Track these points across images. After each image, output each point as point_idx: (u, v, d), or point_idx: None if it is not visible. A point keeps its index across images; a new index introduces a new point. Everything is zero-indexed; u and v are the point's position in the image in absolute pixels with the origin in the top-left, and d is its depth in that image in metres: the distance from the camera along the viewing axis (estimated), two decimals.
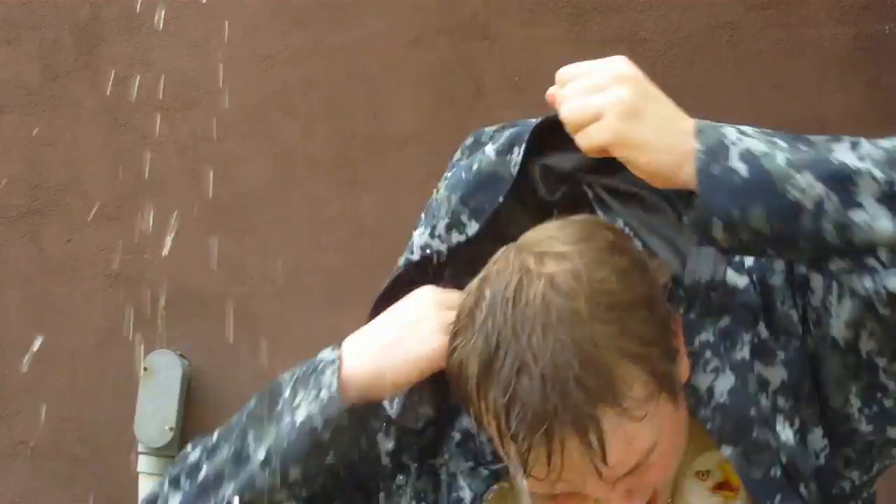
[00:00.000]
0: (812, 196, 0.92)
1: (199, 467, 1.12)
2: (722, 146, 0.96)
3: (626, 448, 0.95)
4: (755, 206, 0.93)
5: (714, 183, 0.94)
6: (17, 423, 2.95)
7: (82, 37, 2.96)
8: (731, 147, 0.95)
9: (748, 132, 0.97)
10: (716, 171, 0.94)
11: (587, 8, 2.75)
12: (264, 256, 2.86)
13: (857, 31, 2.66)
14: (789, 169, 0.93)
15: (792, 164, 0.94)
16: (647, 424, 0.95)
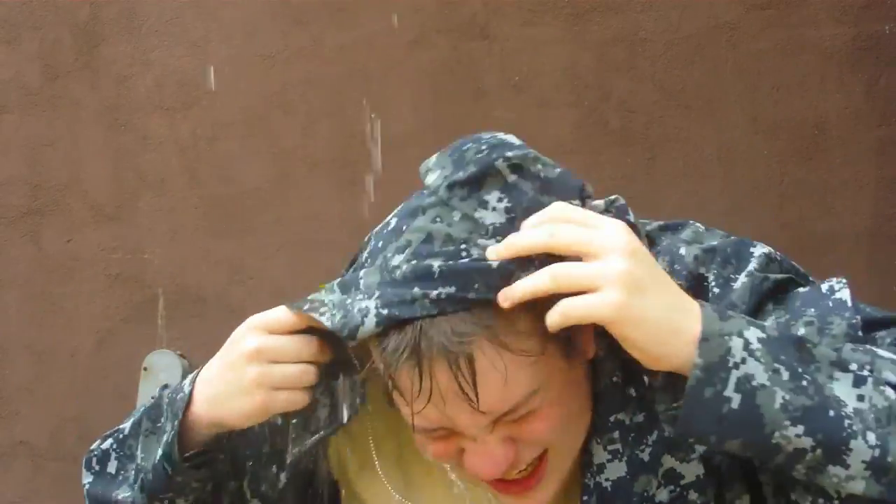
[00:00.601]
0: (796, 445, 0.88)
1: (109, 457, 1.16)
2: (723, 367, 0.88)
3: (501, 385, 0.93)
4: (735, 438, 0.89)
5: (701, 406, 0.89)
6: (17, 423, 2.96)
7: (82, 37, 2.97)
8: (732, 372, 0.88)
9: (754, 347, 0.89)
10: (707, 395, 0.88)
11: (587, 8, 2.76)
12: (264, 256, 2.86)
13: (857, 31, 2.66)
14: (782, 416, 0.88)
15: (787, 409, 0.88)
16: (527, 367, 0.94)
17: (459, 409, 0.94)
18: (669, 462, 1.05)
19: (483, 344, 0.92)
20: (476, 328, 0.91)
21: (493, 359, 0.92)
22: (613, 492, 1.04)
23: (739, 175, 2.69)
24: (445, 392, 0.93)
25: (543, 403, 0.97)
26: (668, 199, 2.71)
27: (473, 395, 0.92)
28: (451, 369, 0.91)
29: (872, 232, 2.64)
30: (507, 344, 0.92)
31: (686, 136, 2.71)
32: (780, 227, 2.67)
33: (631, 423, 1.05)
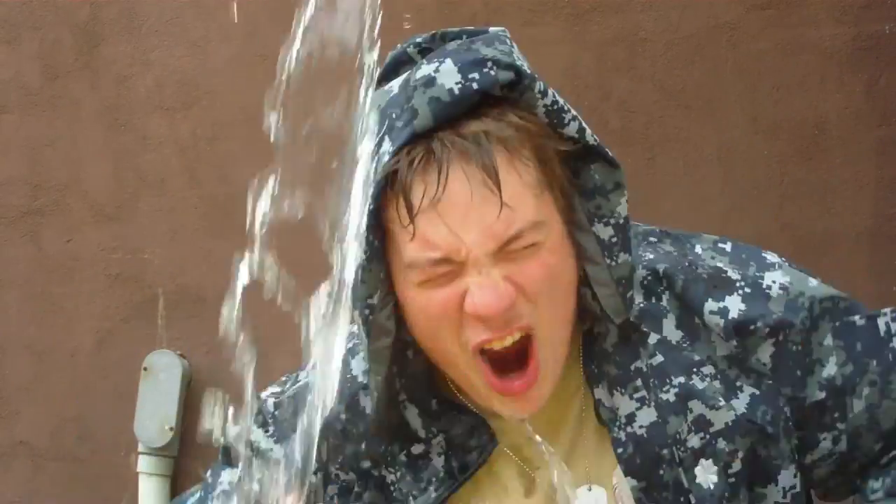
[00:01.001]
0: None
1: None
2: None
3: (514, 193, 0.97)
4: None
5: None
6: (17, 423, 2.96)
7: (82, 37, 2.96)
8: None
9: None
10: None
11: (587, 8, 2.75)
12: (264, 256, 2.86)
13: (857, 30, 2.65)
14: None
15: None
16: (532, 196, 0.98)
17: (474, 217, 0.96)
18: (698, 408, 1.07)
19: (500, 150, 0.96)
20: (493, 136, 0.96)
21: (508, 168, 0.96)
22: (649, 438, 1.07)
23: (739, 175, 2.69)
24: (470, 191, 0.95)
25: (544, 244, 1.00)
26: (669, 199, 2.71)
27: (495, 187, 0.94)
28: (473, 164, 0.95)
29: (873, 232, 2.64)
30: (519, 160, 0.97)
31: (686, 136, 2.71)
32: (781, 228, 2.67)
33: (648, 369, 1.08)
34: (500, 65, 1.00)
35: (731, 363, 1.09)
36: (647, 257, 1.13)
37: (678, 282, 1.11)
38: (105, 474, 2.91)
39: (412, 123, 0.96)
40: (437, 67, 0.98)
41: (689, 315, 1.10)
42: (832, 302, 1.11)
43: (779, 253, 1.18)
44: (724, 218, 2.68)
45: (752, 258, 1.13)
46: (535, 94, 1.01)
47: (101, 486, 2.91)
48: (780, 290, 1.10)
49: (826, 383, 1.09)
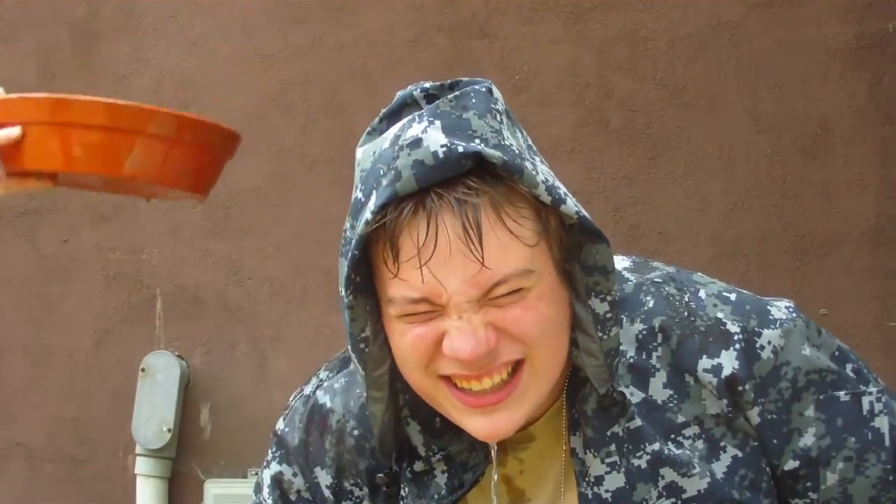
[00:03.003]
0: None
1: None
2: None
3: (500, 246, 0.97)
4: None
5: None
6: (14, 425, 2.95)
7: (80, 35, 2.95)
8: None
9: None
10: None
11: (588, 6, 2.74)
12: (263, 256, 2.85)
13: (860, 29, 2.64)
14: None
15: None
16: (523, 247, 0.98)
17: (456, 268, 0.97)
18: (670, 475, 1.08)
19: (486, 206, 0.96)
20: (482, 190, 0.96)
21: (494, 222, 0.97)
22: (614, 502, 1.08)
23: (741, 174, 2.68)
24: (449, 244, 0.96)
25: (531, 290, 1.00)
26: (670, 199, 2.69)
27: (477, 244, 0.96)
28: (457, 216, 0.96)
29: (875, 231, 2.63)
30: (509, 214, 0.97)
31: (688, 135, 2.70)
32: (783, 227, 2.66)
33: (624, 434, 1.09)
34: (487, 143, 0.98)
35: (718, 421, 1.09)
36: (646, 306, 1.12)
37: (674, 337, 1.10)
38: (102, 476, 2.90)
39: (394, 185, 0.96)
40: (426, 129, 0.97)
41: (680, 373, 1.10)
42: (819, 375, 1.11)
43: (790, 298, 1.18)
44: (726, 217, 2.67)
45: (756, 311, 1.13)
46: (530, 173, 0.98)
47: (99, 488, 2.90)
48: (770, 354, 1.09)
49: (801, 453, 1.10)
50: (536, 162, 1.02)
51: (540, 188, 0.97)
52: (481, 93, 1.01)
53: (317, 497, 1.20)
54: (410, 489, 1.15)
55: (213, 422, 2.85)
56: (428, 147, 0.96)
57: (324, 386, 1.22)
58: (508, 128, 1.01)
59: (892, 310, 2.62)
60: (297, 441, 1.20)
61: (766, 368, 1.09)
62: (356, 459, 1.17)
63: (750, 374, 1.08)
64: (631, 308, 1.12)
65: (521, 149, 1.01)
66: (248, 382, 2.84)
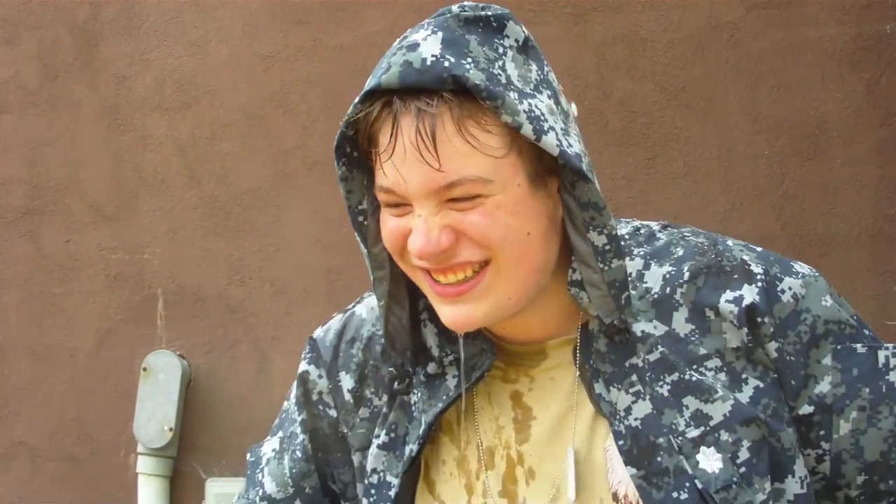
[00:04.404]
0: None
1: None
2: None
3: (453, 156, 1.03)
4: None
5: None
6: (16, 424, 2.95)
7: (81, 36, 2.96)
8: None
9: None
10: None
11: (587, 7, 2.75)
12: (264, 256, 2.86)
13: (858, 30, 2.65)
14: None
15: None
16: (484, 157, 1.03)
17: (413, 166, 1.04)
18: (694, 403, 1.11)
19: (445, 117, 1.02)
20: (443, 105, 1.02)
21: (451, 133, 1.02)
22: (644, 428, 1.11)
23: (740, 175, 2.69)
24: (408, 145, 1.03)
25: (491, 198, 1.05)
26: (669, 199, 2.70)
27: (430, 151, 1.02)
28: (413, 123, 1.02)
29: (873, 232, 2.64)
30: (469, 129, 1.02)
31: (687, 135, 2.71)
32: (781, 227, 2.67)
33: (645, 364, 1.13)
34: (477, 65, 1.04)
35: (738, 355, 1.12)
36: (676, 254, 1.17)
37: (700, 276, 1.14)
38: (104, 475, 2.91)
39: (380, 77, 1.03)
40: (427, 36, 1.04)
41: (702, 308, 1.13)
42: (838, 326, 1.14)
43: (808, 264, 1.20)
44: (725, 217, 2.68)
45: (779, 261, 1.16)
46: (512, 101, 1.03)
47: (101, 487, 2.91)
48: (790, 298, 1.13)
49: (817, 399, 1.12)
50: (537, 96, 1.06)
51: (521, 116, 1.03)
52: (492, 26, 1.07)
53: (337, 400, 1.27)
54: (422, 393, 1.20)
55: (215, 421, 2.86)
56: (421, 52, 1.03)
57: (364, 301, 1.32)
58: (514, 59, 1.07)
59: (889, 309, 2.63)
60: (328, 345, 1.29)
61: (785, 311, 1.12)
62: (381, 366, 1.24)
63: (770, 311, 1.11)
64: (661, 256, 1.17)
65: (518, 80, 1.06)
66: (248, 382, 2.85)
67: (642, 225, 1.24)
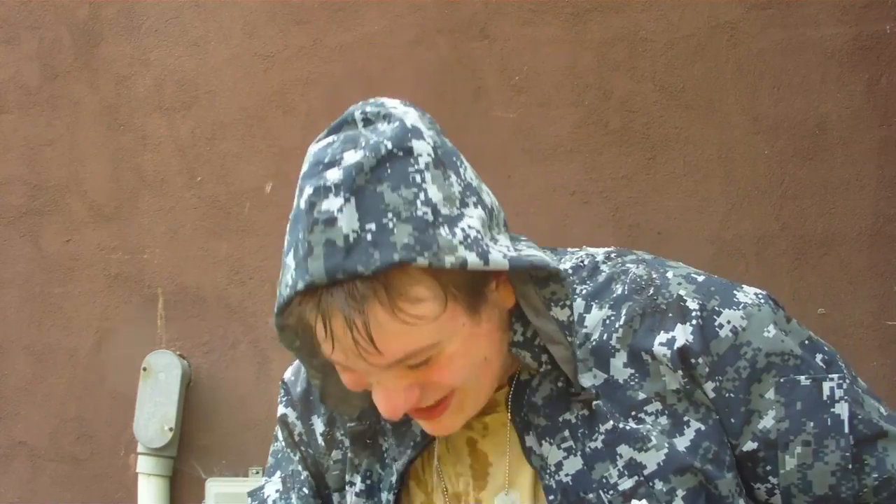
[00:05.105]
0: None
1: None
2: None
3: (395, 342, 1.00)
4: None
5: None
6: (16, 424, 2.95)
7: (81, 36, 2.96)
8: None
9: None
10: None
11: (587, 7, 2.75)
12: (264, 256, 2.86)
13: (858, 30, 2.65)
14: None
15: None
16: (424, 325, 1.00)
17: (357, 359, 1.01)
18: (628, 452, 1.10)
19: (375, 308, 0.98)
20: (370, 294, 0.98)
21: (385, 321, 0.98)
22: (575, 484, 1.10)
23: (740, 175, 2.69)
24: (345, 345, 1.00)
25: (445, 354, 1.03)
26: (669, 199, 2.70)
27: (369, 348, 0.99)
28: (346, 326, 0.98)
29: (873, 232, 2.64)
30: (402, 308, 0.98)
31: (686, 135, 2.71)
32: (781, 227, 2.67)
33: (577, 420, 1.11)
34: (399, 217, 0.98)
35: (679, 397, 1.10)
36: (615, 293, 1.14)
37: (635, 318, 1.12)
38: (104, 475, 2.91)
39: (306, 273, 0.99)
40: (341, 206, 0.98)
41: (638, 352, 1.11)
42: (781, 357, 1.11)
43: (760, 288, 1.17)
44: (725, 218, 2.68)
45: (720, 292, 1.13)
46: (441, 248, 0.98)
47: (101, 487, 2.91)
48: (729, 333, 1.10)
49: (760, 434, 1.10)
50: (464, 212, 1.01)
51: (460, 251, 0.98)
52: (399, 157, 1.01)
53: (312, 442, 1.27)
54: (392, 440, 1.20)
55: (215, 421, 2.86)
56: (341, 228, 0.97)
57: None
58: (434, 179, 1.01)
59: (889, 309, 2.63)
60: (298, 390, 1.30)
61: (723, 346, 1.09)
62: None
63: (705, 350, 1.09)
64: (601, 296, 1.14)
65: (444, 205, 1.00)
66: (248, 382, 2.85)
67: (587, 255, 1.19)
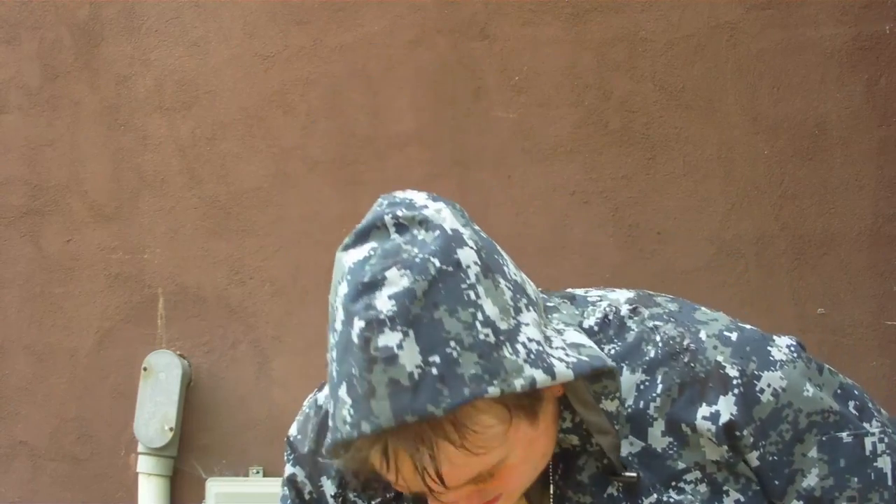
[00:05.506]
0: None
1: None
2: None
3: (462, 471, 0.98)
4: None
5: None
6: (17, 424, 2.96)
7: (82, 36, 2.97)
8: None
9: None
10: None
11: (587, 8, 2.76)
12: (264, 256, 2.86)
13: (857, 30, 2.66)
14: None
15: None
16: (491, 452, 0.98)
17: (421, 488, 0.99)
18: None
19: (446, 447, 0.96)
20: (440, 434, 0.95)
21: (454, 456, 0.96)
22: None
23: (739, 175, 2.69)
24: (411, 482, 0.98)
25: (508, 465, 1.01)
26: (669, 199, 2.71)
27: (438, 485, 0.97)
28: (415, 468, 0.96)
29: (873, 232, 2.64)
30: (471, 441, 0.96)
31: (686, 135, 2.71)
32: (781, 227, 2.67)
33: (620, 494, 1.10)
34: (462, 345, 0.94)
35: (720, 467, 1.10)
36: (647, 356, 1.12)
37: (674, 387, 1.10)
38: (105, 474, 2.91)
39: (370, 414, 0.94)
40: (400, 341, 0.94)
41: (677, 423, 1.10)
42: (821, 416, 1.11)
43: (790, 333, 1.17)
44: (724, 218, 2.69)
45: (756, 352, 1.11)
46: (511, 358, 0.96)
47: (101, 487, 2.91)
48: (770, 397, 1.09)
49: (805, 493, 1.10)
50: (520, 321, 0.99)
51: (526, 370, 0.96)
52: (449, 273, 0.96)
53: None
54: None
55: (215, 421, 2.86)
56: (403, 365, 0.93)
57: None
58: (486, 292, 0.97)
59: (889, 309, 2.63)
60: (306, 450, 1.22)
61: (766, 411, 1.09)
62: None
63: (749, 419, 1.08)
64: (632, 358, 1.11)
65: (500, 318, 0.97)
66: (249, 381, 2.85)
67: (610, 307, 1.15)
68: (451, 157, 2.78)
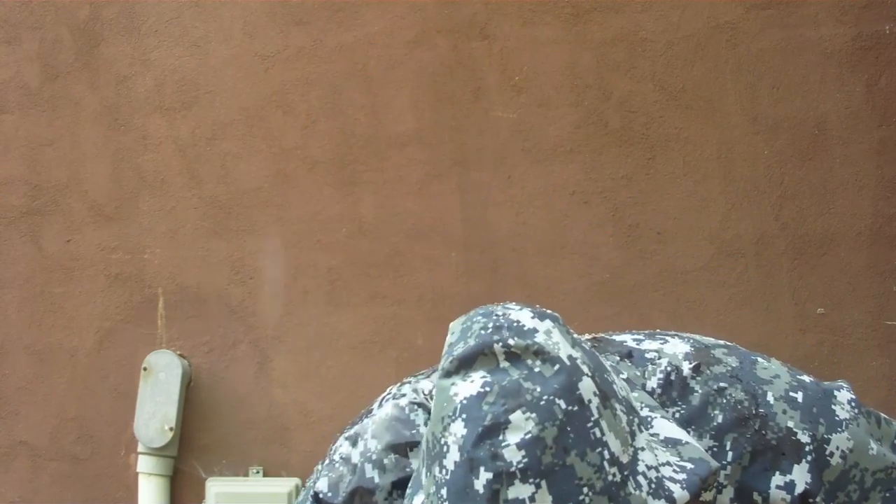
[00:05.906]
0: None
1: None
2: None
3: None
4: None
5: None
6: (17, 423, 2.95)
7: (82, 37, 2.97)
8: None
9: None
10: None
11: (587, 8, 2.76)
12: (265, 256, 2.86)
13: (857, 30, 2.66)
14: None
15: None
16: None
17: None
18: None
19: None
20: None
21: None
22: None
23: (739, 175, 2.69)
24: None
25: None
26: (669, 199, 2.71)
27: None
28: None
29: (872, 232, 2.64)
30: None
31: (686, 135, 2.71)
32: (780, 227, 2.67)
33: None
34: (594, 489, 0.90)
35: None
36: (715, 421, 1.10)
37: (745, 455, 1.08)
38: (105, 474, 2.91)
39: None
40: (534, 494, 0.89)
41: (750, 491, 1.08)
42: (885, 472, 1.11)
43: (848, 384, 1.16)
44: (724, 217, 2.69)
45: (823, 413, 1.11)
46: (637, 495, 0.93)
47: (101, 486, 2.91)
48: (839, 459, 1.09)
49: None
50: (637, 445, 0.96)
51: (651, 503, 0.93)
52: (574, 413, 0.91)
53: None
54: None
55: (215, 421, 2.86)
56: None
57: (371, 458, 1.14)
58: (610, 426, 0.94)
59: (888, 309, 2.63)
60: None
61: (835, 474, 1.09)
62: None
63: (821, 484, 1.08)
64: (699, 423, 1.09)
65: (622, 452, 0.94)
66: (249, 381, 2.85)
67: (670, 365, 1.12)
68: (450, 156, 2.78)
